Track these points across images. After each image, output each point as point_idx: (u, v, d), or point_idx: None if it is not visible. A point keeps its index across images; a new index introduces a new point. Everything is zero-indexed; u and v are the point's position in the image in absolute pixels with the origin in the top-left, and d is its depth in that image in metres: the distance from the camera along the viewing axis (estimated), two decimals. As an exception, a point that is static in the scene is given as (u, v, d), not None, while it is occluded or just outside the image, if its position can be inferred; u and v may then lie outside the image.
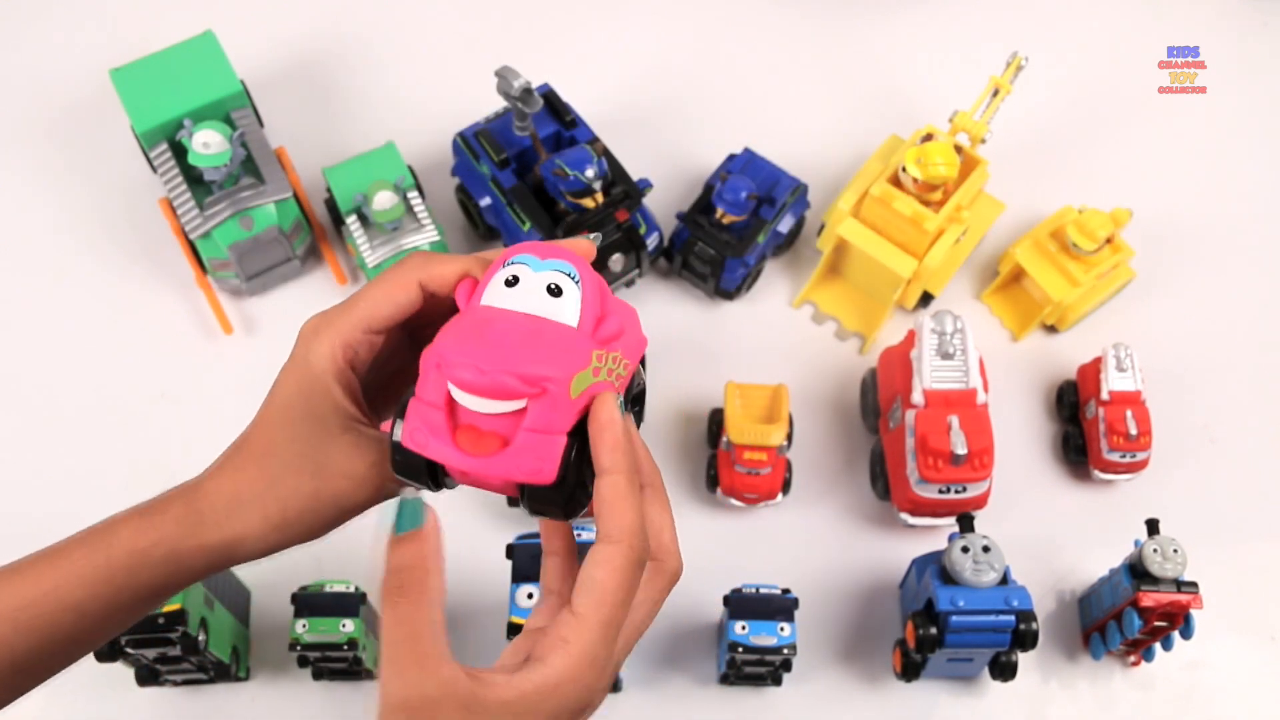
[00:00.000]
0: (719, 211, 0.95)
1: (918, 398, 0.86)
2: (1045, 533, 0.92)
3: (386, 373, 0.47)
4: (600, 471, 0.40)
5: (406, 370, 0.46)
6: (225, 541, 0.43)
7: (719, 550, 0.91)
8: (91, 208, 1.02)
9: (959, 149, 0.93)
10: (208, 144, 0.90)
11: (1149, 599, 0.80)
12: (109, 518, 0.45)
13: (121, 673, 0.83)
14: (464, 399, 0.40)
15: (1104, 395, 0.91)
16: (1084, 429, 0.94)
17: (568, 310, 0.41)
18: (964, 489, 0.86)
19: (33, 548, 0.45)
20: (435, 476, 0.42)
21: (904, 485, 0.88)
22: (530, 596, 0.77)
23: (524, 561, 0.76)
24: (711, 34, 1.14)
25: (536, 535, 0.70)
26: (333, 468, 0.43)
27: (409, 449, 0.41)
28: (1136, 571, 0.81)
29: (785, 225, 0.99)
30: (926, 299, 1.00)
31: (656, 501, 0.43)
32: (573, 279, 0.42)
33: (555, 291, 0.41)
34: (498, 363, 0.39)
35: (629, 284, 0.99)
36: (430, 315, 0.45)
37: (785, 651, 0.80)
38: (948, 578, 0.79)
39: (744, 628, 0.80)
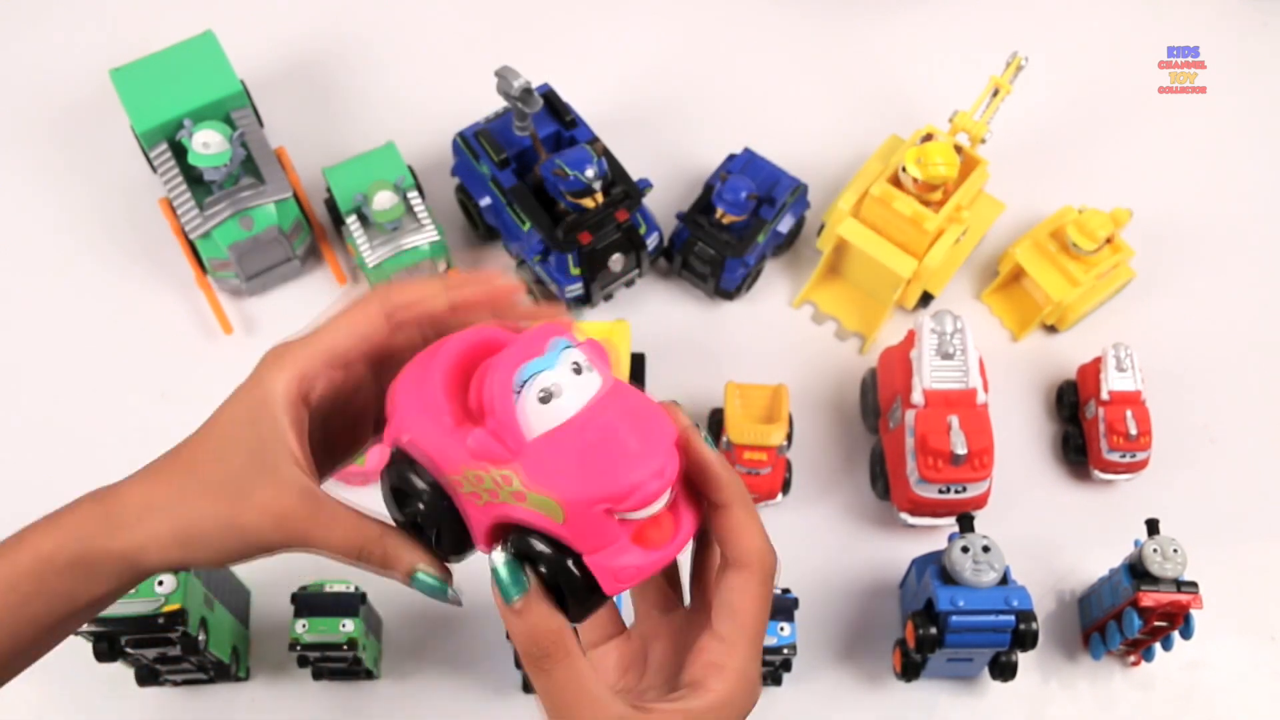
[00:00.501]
0: (719, 211, 0.95)
1: (918, 398, 0.86)
2: (1045, 533, 0.92)
3: (349, 412, 0.45)
4: (720, 505, 0.41)
5: (368, 411, 0.45)
6: (130, 548, 0.42)
7: (719, 550, 0.91)
8: (91, 208, 1.02)
9: (959, 149, 0.93)
10: (208, 144, 0.90)
11: (1149, 599, 0.80)
12: (24, 526, 0.44)
13: (121, 673, 0.83)
14: (645, 511, 0.39)
15: (1104, 395, 0.91)
16: (1084, 429, 0.94)
17: (598, 377, 0.40)
18: (964, 489, 0.86)
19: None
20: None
21: (904, 485, 0.88)
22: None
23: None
24: (712, 34, 1.14)
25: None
26: (253, 501, 0.41)
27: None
28: (1136, 571, 0.81)
29: (785, 225, 0.99)
30: (926, 299, 1.00)
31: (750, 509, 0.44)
32: (569, 346, 0.40)
33: (579, 370, 0.39)
34: (650, 458, 0.38)
35: (629, 284, 0.99)
36: (397, 349, 0.44)
37: (785, 651, 0.80)
38: (948, 578, 0.79)
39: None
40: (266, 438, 0.41)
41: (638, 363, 0.95)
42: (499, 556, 0.39)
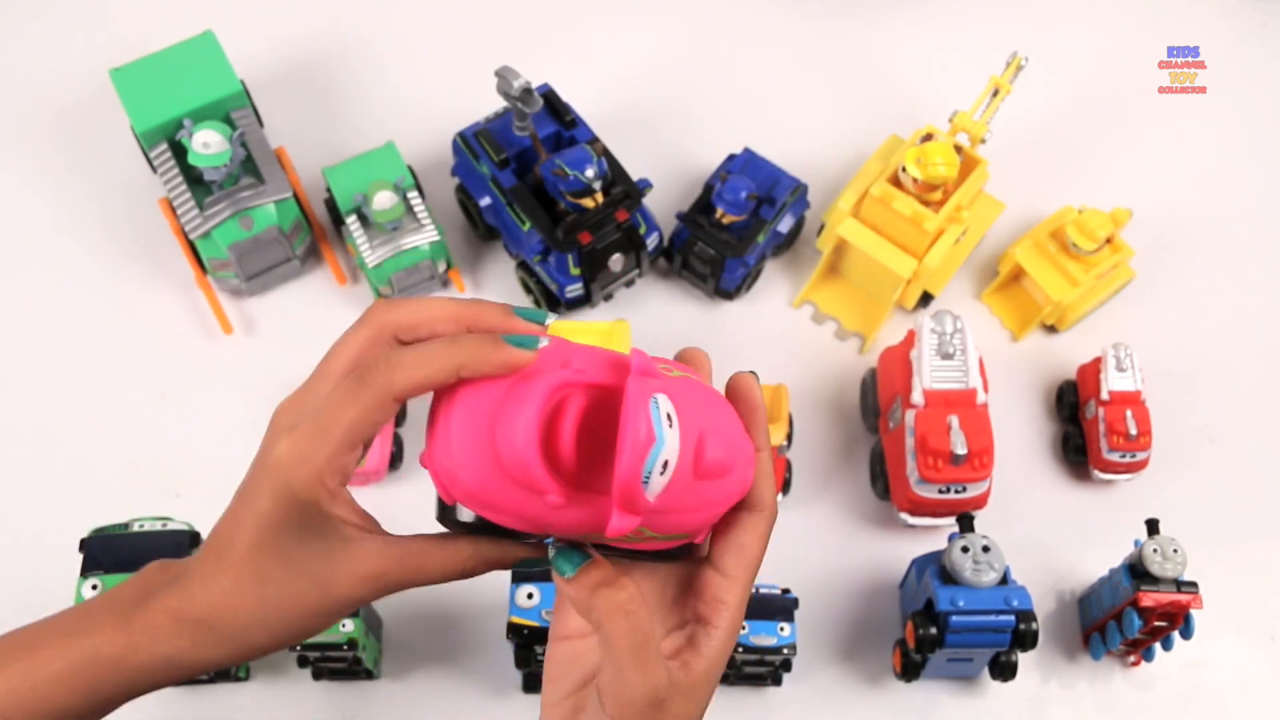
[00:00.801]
0: (719, 211, 0.95)
1: (918, 398, 0.86)
2: (1045, 533, 0.92)
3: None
4: (755, 450, 0.44)
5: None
6: (228, 655, 0.43)
7: (719, 550, 0.91)
8: (91, 208, 1.02)
9: (959, 149, 0.93)
10: (208, 144, 0.90)
11: (1149, 599, 0.80)
12: (82, 613, 0.44)
13: (121, 673, 0.83)
14: None
15: (1104, 395, 0.91)
16: (1084, 429, 0.94)
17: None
18: (964, 489, 0.86)
19: (33, 547, 0.45)
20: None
21: (904, 485, 0.88)
22: (530, 597, 0.77)
23: (524, 562, 0.76)
24: (712, 34, 1.14)
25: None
26: (340, 581, 0.42)
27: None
28: (1136, 571, 0.81)
29: (785, 225, 0.99)
30: (926, 299, 1.00)
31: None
32: (658, 395, 0.39)
33: (672, 421, 0.39)
34: (740, 469, 0.43)
35: (629, 284, 0.99)
36: None
37: (785, 651, 0.80)
38: (948, 578, 0.79)
39: (744, 627, 0.80)
40: (321, 527, 0.42)
41: (638, 363, 0.94)
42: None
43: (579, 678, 0.47)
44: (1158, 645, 0.84)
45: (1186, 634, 0.82)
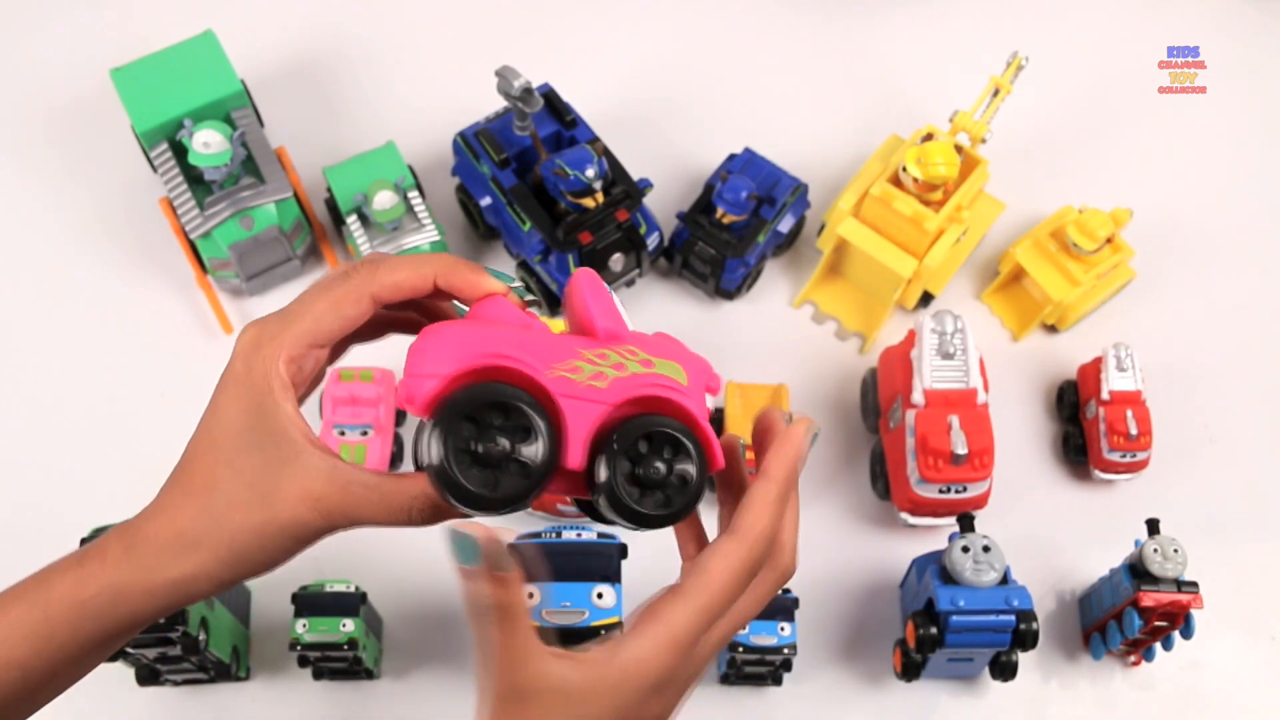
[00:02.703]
0: (719, 211, 0.95)
1: (918, 397, 0.86)
2: (1045, 533, 0.92)
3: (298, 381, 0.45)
4: (762, 474, 0.42)
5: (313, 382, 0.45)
6: (172, 582, 0.41)
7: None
8: (92, 207, 1.02)
9: (959, 149, 0.93)
10: (208, 144, 0.90)
11: (1149, 599, 0.80)
12: (45, 568, 0.43)
13: (121, 673, 0.83)
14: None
15: (1104, 395, 0.91)
16: (1084, 429, 0.94)
17: None
18: (964, 489, 0.86)
19: (33, 546, 0.45)
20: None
21: (904, 485, 0.88)
22: (531, 596, 0.77)
23: (525, 561, 0.76)
24: (712, 33, 1.14)
25: (538, 535, 0.70)
26: (283, 496, 0.41)
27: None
28: (1137, 571, 0.81)
29: (785, 225, 0.99)
30: (927, 299, 1.00)
31: (791, 505, 0.44)
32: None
33: None
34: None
35: (629, 284, 0.99)
36: (376, 322, 0.44)
37: (785, 651, 0.80)
38: (948, 577, 0.79)
39: (744, 627, 0.79)
40: (274, 429, 0.41)
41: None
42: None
43: None
44: (1158, 645, 0.84)
45: (1187, 634, 0.82)
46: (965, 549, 0.78)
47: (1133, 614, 0.81)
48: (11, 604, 0.42)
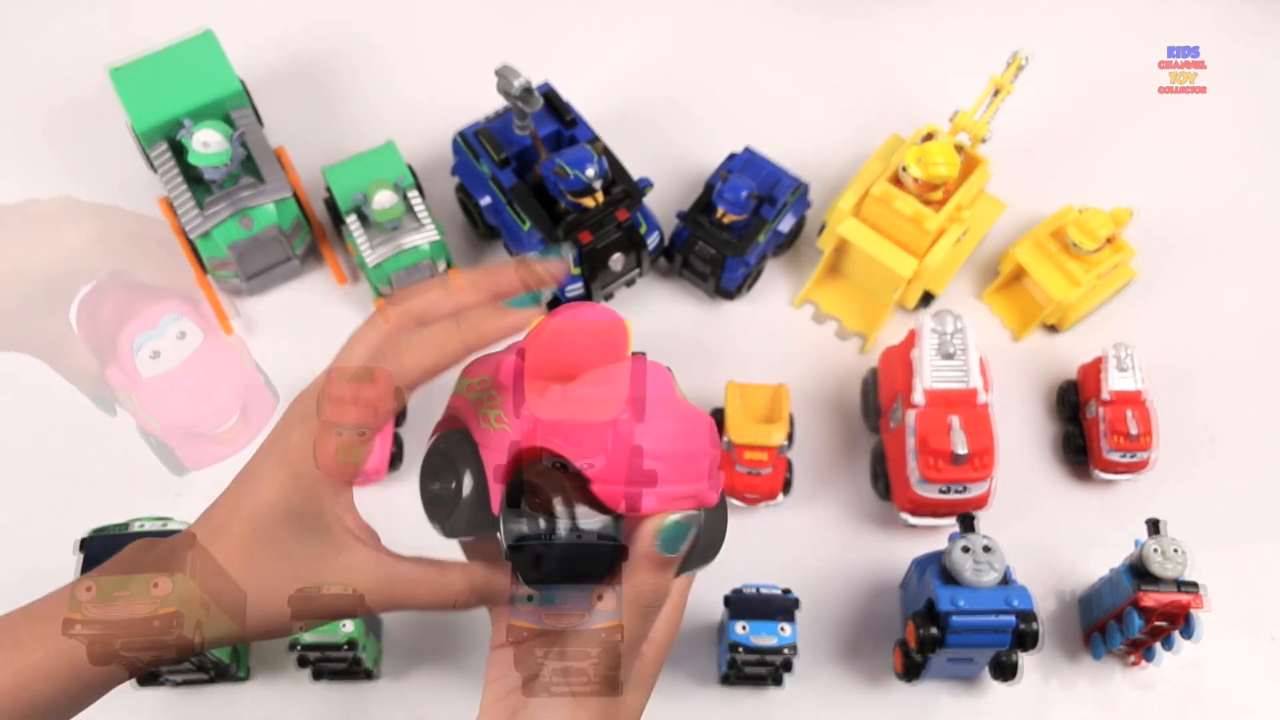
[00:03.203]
0: (719, 211, 0.95)
1: (918, 397, 0.86)
2: (1046, 533, 0.92)
3: None
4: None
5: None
6: (202, 640, 0.42)
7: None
8: (91, 207, 1.02)
9: (960, 148, 0.93)
10: (207, 143, 0.90)
11: (1150, 599, 0.79)
12: (61, 597, 0.43)
13: (121, 673, 0.83)
14: None
15: (1105, 395, 0.91)
16: (1085, 429, 0.94)
17: None
18: (965, 489, 0.86)
19: (33, 546, 0.45)
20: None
21: (905, 485, 0.88)
22: (530, 599, 0.77)
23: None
24: (712, 33, 1.14)
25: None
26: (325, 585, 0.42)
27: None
28: (1137, 571, 0.81)
29: (786, 225, 0.99)
30: (927, 299, 1.00)
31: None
32: None
33: None
34: None
35: (629, 284, 0.99)
36: None
37: (786, 651, 0.80)
38: (948, 578, 0.79)
39: (744, 628, 0.79)
40: (319, 522, 0.41)
41: (638, 362, 0.94)
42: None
43: (516, 681, 0.47)
44: (1159, 645, 0.84)
45: (1188, 634, 0.81)
46: (966, 549, 0.78)
47: (1133, 614, 0.81)
48: (35, 644, 0.42)
